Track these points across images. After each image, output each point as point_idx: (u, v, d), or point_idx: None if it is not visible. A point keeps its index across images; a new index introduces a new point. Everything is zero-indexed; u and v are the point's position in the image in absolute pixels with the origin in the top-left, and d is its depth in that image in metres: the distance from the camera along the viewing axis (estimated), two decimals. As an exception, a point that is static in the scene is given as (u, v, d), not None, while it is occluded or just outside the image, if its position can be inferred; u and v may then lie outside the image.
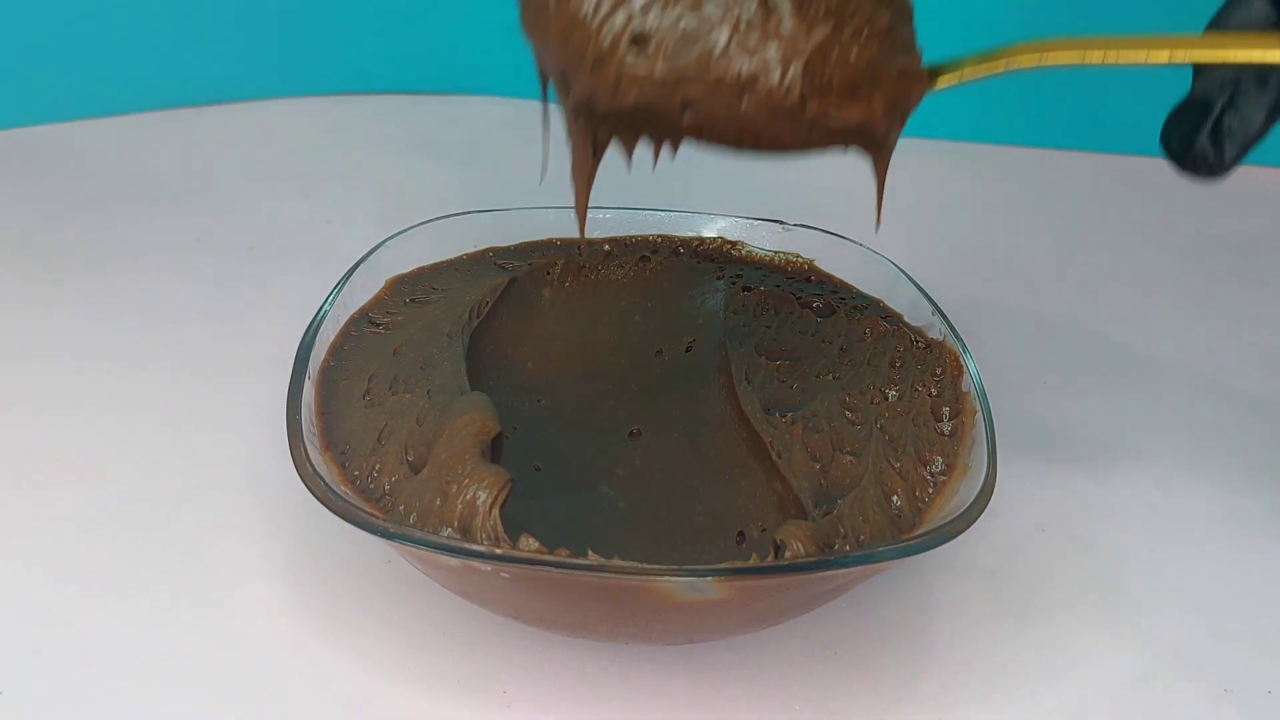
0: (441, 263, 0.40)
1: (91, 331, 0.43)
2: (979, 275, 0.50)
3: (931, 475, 0.32)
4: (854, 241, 0.41)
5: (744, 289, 0.40)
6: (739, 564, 0.27)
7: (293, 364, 0.33)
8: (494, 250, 0.41)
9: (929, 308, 0.37)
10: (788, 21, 0.26)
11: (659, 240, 0.43)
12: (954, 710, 0.30)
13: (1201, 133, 0.29)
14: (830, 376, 0.36)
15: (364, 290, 0.38)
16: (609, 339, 0.39)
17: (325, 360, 0.35)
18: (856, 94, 0.27)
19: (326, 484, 0.29)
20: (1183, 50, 0.28)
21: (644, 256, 0.41)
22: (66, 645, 0.31)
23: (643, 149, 0.29)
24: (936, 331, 0.37)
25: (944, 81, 0.29)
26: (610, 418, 0.36)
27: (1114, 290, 0.50)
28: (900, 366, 0.36)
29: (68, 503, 0.36)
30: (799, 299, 0.39)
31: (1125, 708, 0.31)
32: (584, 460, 0.35)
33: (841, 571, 0.28)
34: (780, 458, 0.33)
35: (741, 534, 0.32)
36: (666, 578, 0.26)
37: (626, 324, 0.40)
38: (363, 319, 0.37)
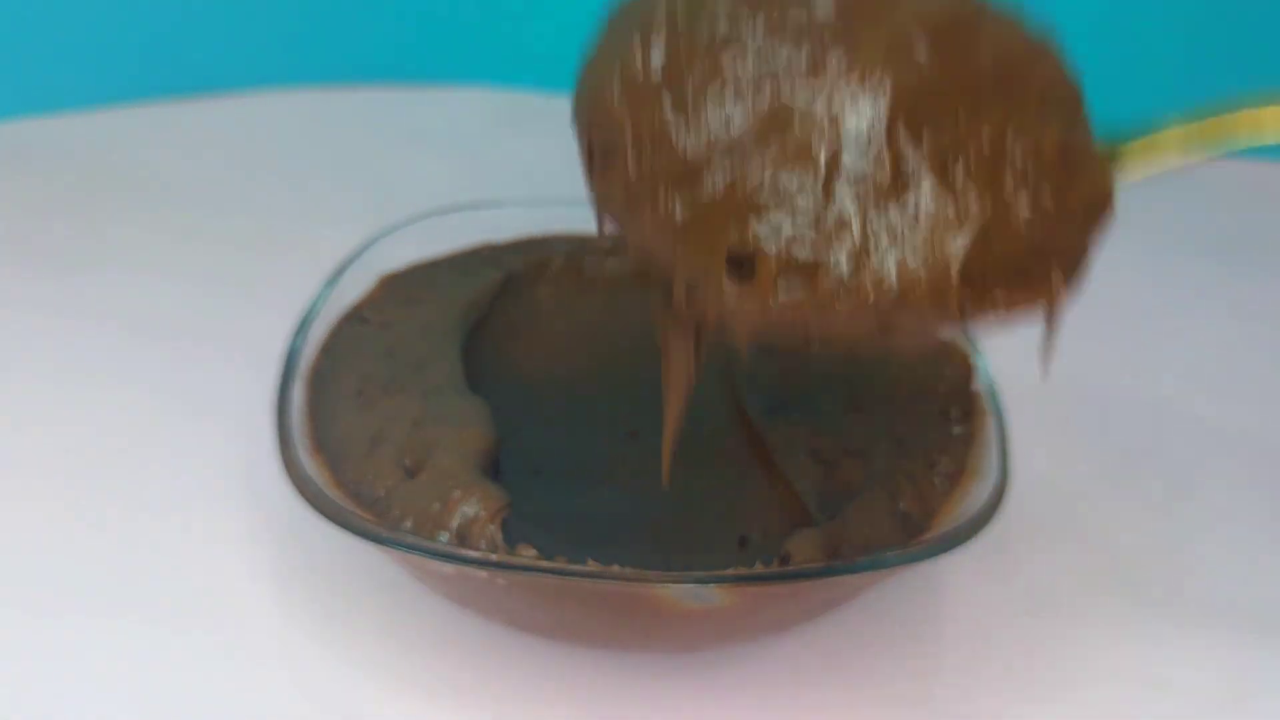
0: (436, 259, 0.39)
1: (75, 331, 0.43)
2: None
3: (941, 478, 0.31)
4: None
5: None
6: (743, 570, 0.27)
7: (282, 364, 0.32)
8: (490, 246, 0.41)
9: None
10: (930, 209, 0.20)
11: (659, 238, 0.42)
12: (966, 719, 0.30)
13: None
14: (836, 377, 0.35)
15: (355, 288, 0.37)
16: (608, 337, 0.38)
17: (316, 360, 0.34)
18: (1026, 275, 0.21)
19: (317, 488, 0.28)
20: None
21: (644, 254, 0.41)
22: (53, 654, 0.30)
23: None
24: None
25: (1136, 171, 0.23)
26: (609, 417, 0.36)
27: (1123, 287, 0.50)
28: (909, 366, 0.35)
29: (52, 507, 0.35)
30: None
31: (1138, 712, 0.30)
32: (583, 461, 0.34)
33: (848, 578, 0.27)
34: (783, 460, 0.32)
35: (744, 538, 0.32)
36: (668, 585, 0.26)
37: (626, 322, 0.39)
38: (354, 317, 0.36)
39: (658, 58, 0.21)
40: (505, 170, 0.56)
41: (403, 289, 0.38)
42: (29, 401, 0.39)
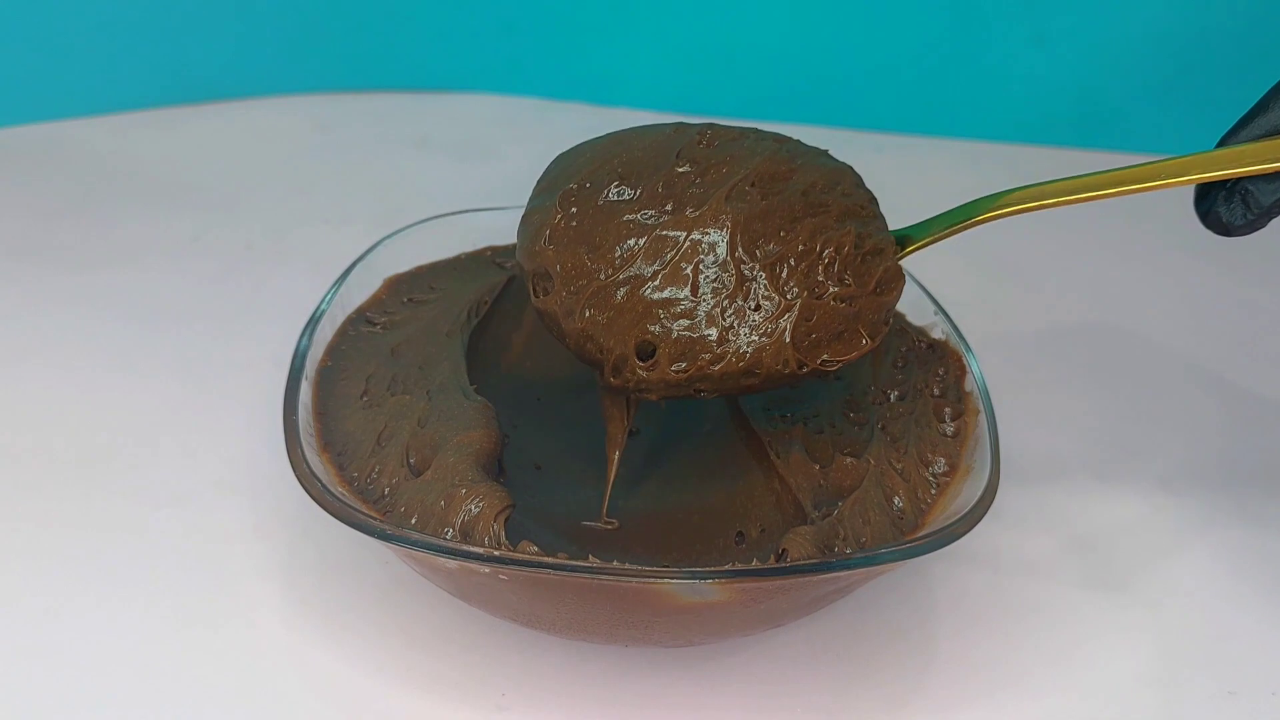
0: (439, 262, 0.40)
1: (87, 331, 0.43)
2: (981, 274, 0.50)
3: (934, 476, 0.32)
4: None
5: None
6: (740, 566, 0.27)
7: (289, 364, 0.33)
8: (492, 249, 0.41)
9: (931, 307, 0.37)
10: (766, 301, 0.29)
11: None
12: (957, 712, 0.30)
13: (1217, 195, 0.30)
14: (831, 377, 0.36)
15: (361, 290, 0.38)
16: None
17: (322, 360, 0.35)
18: (842, 337, 0.30)
19: (323, 485, 0.28)
20: (1162, 178, 0.31)
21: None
22: (61, 648, 0.31)
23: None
24: (939, 331, 0.37)
25: (913, 250, 0.31)
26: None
27: (1117, 289, 0.50)
28: (903, 367, 0.36)
29: (63, 503, 0.35)
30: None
31: (1130, 709, 0.31)
32: (584, 459, 0.35)
33: (843, 573, 0.27)
34: (779, 458, 0.33)
35: (741, 534, 0.32)
36: (667, 580, 0.26)
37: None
38: (360, 319, 0.37)
39: (573, 217, 0.31)
40: (507, 175, 0.56)
41: (407, 291, 0.38)
42: (39, 396, 0.40)
